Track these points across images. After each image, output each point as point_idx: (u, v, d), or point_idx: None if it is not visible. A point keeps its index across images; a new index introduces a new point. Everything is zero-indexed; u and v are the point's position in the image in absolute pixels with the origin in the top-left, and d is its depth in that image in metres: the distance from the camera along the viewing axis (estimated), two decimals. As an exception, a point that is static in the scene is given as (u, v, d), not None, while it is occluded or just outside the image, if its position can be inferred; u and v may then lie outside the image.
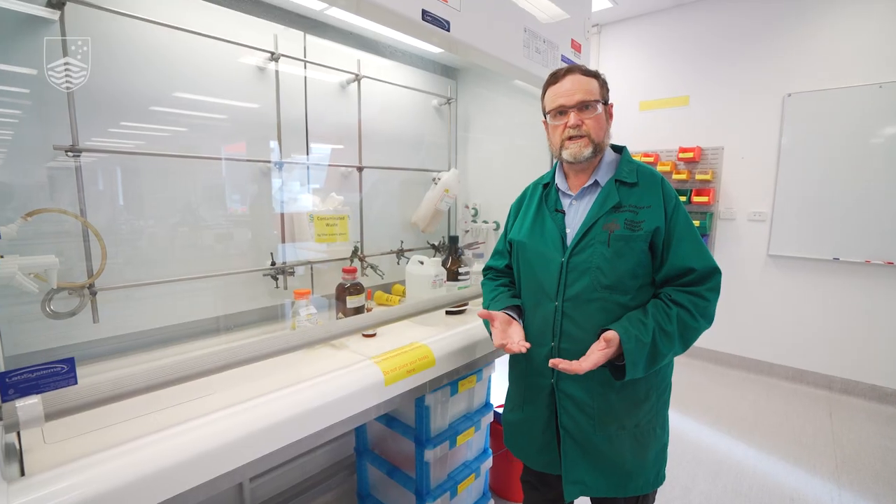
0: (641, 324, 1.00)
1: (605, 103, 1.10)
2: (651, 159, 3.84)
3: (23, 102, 1.06)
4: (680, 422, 2.77)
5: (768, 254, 3.46)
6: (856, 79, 3.04)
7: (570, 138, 1.07)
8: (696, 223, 3.57)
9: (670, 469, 2.29)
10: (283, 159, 1.58)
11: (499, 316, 1.12)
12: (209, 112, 1.41)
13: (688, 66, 3.74)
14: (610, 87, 1.14)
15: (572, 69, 1.09)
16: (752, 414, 2.91)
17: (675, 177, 3.72)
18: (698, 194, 3.65)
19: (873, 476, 2.25)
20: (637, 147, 4.00)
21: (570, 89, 1.07)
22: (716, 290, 1.04)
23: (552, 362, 0.98)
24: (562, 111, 1.08)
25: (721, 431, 2.68)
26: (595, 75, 1.10)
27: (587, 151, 1.07)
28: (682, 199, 3.68)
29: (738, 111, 3.52)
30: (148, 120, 1.27)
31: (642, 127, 3.99)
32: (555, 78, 1.11)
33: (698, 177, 3.63)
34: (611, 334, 0.98)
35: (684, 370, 3.63)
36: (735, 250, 3.62)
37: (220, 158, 1.44)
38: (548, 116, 1.13)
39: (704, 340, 3.80)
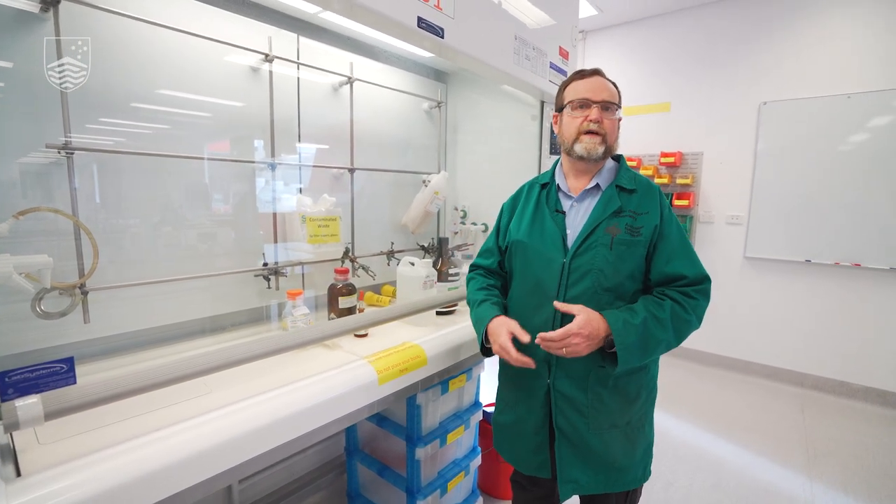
0: (630, 310, 1.03)
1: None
2: (634, 163, 3.94)
3: (10, 98, 1.05)
4: (663, 419, 2.85)
5: (745, 256, 3.58)
6: (826, 89, 3.18)
7: (587, 132, 1.09)
8: (677, 226, 3.67)
9: (653, 465, 2.36)
10: (275, 160, 1.58)
11: (505, 343, 1.08)
12: (202, 112, 1.40)
13: (669, 74, 3.85)
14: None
15: (599, 71, 1.13)
16: (730, 411, 3.01)
17: (657, 180, 3.82)
18: (679, 198, 3.76)
19: (842, 468, 2.35)
20: (621, 151, 4.07)
21: (597, 87, 1.10)
22: (705, 294, 1.08)
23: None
24: (584, 104, 1.09)
25: (701, 428, 2.77)
26: (615, 85, 1.14)
27: (601, 150, 1.10)
28: (664, 202, 3.78)
29: (717, 118, 3.64)
30: (140, 119, 1.26)
31: (626, 132, 4.03)
32: (581, 75, 1.13)
33: (679, 181, 3.74)
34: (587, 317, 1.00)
35: (667, 369, 3.70)
36: (713, 252, 3.74)
37: (212, 159, 1.43)
38: (567, 107, 1.13)
39: (686, 340, 3.89)
